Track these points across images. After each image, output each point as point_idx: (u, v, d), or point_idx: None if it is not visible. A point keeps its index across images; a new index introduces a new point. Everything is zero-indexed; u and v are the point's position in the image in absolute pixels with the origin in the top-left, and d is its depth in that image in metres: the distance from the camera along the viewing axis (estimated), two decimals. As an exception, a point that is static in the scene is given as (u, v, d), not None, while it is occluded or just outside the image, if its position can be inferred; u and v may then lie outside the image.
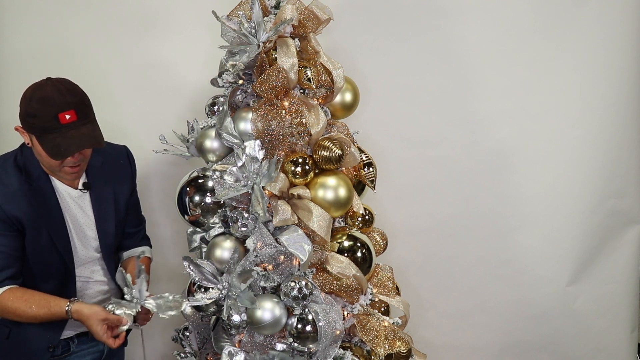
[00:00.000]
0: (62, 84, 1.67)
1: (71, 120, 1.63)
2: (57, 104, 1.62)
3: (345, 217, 2.04)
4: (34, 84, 1.68)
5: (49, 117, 1.61)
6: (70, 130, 1.63)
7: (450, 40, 2.52)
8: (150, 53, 2.46)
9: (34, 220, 1.72)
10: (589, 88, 2.55)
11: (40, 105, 1.62)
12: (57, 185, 1.79)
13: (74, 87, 1.69)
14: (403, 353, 1.93)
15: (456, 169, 2.60)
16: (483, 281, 2.66)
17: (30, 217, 1.71)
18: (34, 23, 2.42)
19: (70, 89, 1.67)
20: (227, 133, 1.88)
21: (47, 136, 1.63)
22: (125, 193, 1.95)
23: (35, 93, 1.64)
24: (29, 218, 1.71)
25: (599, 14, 2.49)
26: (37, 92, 1.64)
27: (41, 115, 1.62)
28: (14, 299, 1.67)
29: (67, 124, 1.62)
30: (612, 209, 2.64)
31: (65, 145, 1.63)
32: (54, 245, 1.75)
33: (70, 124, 1.63)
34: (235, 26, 1.84)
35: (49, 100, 1.62)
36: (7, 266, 1.69)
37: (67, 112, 1.62)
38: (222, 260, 1.86)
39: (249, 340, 1.86)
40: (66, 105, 1.62)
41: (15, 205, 1.70)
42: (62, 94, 1.64)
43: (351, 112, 2.09)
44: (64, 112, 1.62)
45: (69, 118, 1.62)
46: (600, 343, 2.72)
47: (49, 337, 1.79)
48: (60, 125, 1.62)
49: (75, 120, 1.63)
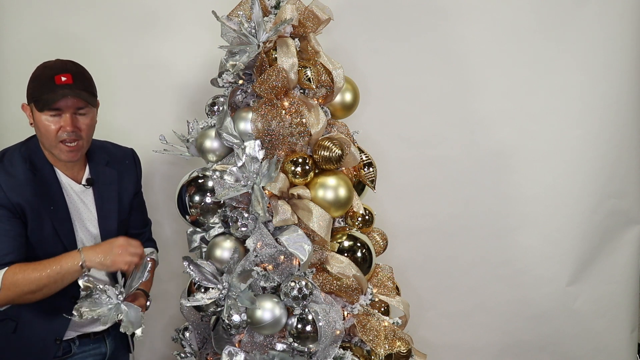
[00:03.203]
0: (69, 60, 1.77)
1: (66, 82, 1.69)
2: (57, 68, 1.71)
3: (345, 217, 2.04)
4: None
5: (46, 79, 1.69)
6: (64, 89, 1.68)
7: (450, 41, 2.53)
8: (150, 53, 2.46)
9: (37, 209, 1.72)
10: (589, 88, 2.55)
11: (41, 71, 1.72)
12: (62, 178, 1.80)
13: (80, 65, 1.78)
14: (403, 353, 1.93)
15: (456, 169, 2.60)
16: (483, 281, 2.66)
17: (34, 206, 1.72)
18: (34, 23, 2.42)
19: (75, 63, 1.77)
20: (227, 133, 1.88)
21: (42, 97, 1.68)
22: (129, 193, 1.95)
23: (43, 64, 1.74)
24: (33, 207, 1.72)
25: (599, 14, 2.49)
26: (43, 64, 1.74)
27: (40, 78, 1.70)
28: (21, 270, 1.64)
29: (62, 85, 1.68)
30: (612, 209, 2.64)
31: (53, 98, 1.67)
32: (57, 236, 1.75)
33: (65, 85, 1.68)
34: (235, 26, 1.84)
35: (51, 66, 1.72)
36: (12, 250, 1.68)
37: (63, 74, 1.69)
38: (222, 260, 1.86)
39: (249, 340, 1.86)
40: (64, 70, 1.71)
41: (20, 194, 1.70)
42: (64, 63, 1.74)
43: (351, 112, 2.09)
44: (60, 75, 1.69)
45: (64, 80, 1.68)
46: (600, 343, 2.72)
47: (55, 330, 1.79)
48: (54, 85, 1.68)
49: (70, 83, 1.69)
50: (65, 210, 1.78)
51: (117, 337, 1.98)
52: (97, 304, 1.65)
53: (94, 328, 1.88)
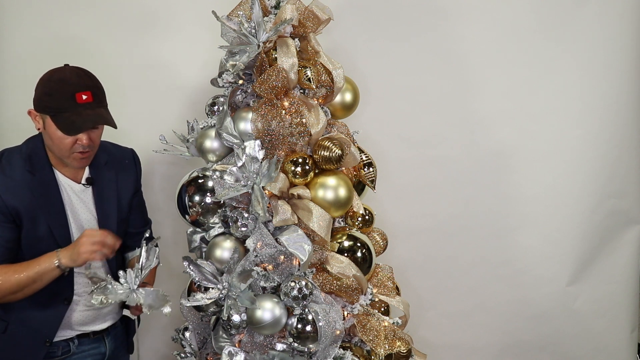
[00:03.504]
0: (79, 69, 1.74)
1: (87, 101, 1.68)
2: (75, 84, 1.68)
3: (345, 217, 2.04)
4: (52, 69, 1.73)
5: (66, 96, 1.66)
6: (86, 110, 1.68)
7: (450, 41, 2.53)
8: (150, 53, 2.46)
9: (33, 210, 1.72)
10: (589, 88, 2.55)
11: (58, 85, 1.67)
12: (60, 178, 1.80)
13: (90, 74, 1.76)
14: (403, 353, 1.93)
15: (456, 169, 2.60)
16: (483, 281, 2.66)
17: (30, 208, 1.72)
18: (34, 23, 2.42)
19: (87, 73, 1.74)
20: (227, 133, 1.88)
21: (62, 114, 1.67)
22: (128, 192, 1.95)
23: (53, 75, 1.70)
24: (29, 209, 1.72)
25: (599, 14, 2.49)
26: (55, 74, 1.70)
27: (58, 94, 1.67)
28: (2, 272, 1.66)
29: (83, 104, 1.67)
30: (612, 209, 2.64)
31: (80, 121, 1.66)
32: (53, 236, 1.75)
33: (86, 103, 1.68)
34: (235, 26, 1.84)
35: (67, 80, 1.68)
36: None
37: (84, 92, 1.68)
38: (222, 260, 1.86)
39: (249, 340, 1.86)
40: (84, 86, 1.69)
41: (16, 197, 1.70)
42: (80, 77, 1.70)
43: (351, 112, 2.09)
44: (81, 92, 1.67)
45: (85, 98, 1.68)
46: (600, 343, 2.72)
47: (45, 332, 1.79)
48: (76, 104, 1.67)
49: (91, 101, 1.69)
50: (62, 211, 1.78)
51: (117, 337, 1.98)
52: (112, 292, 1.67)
53: (93, 327, 1.89)
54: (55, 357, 1.83)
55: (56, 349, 1.83)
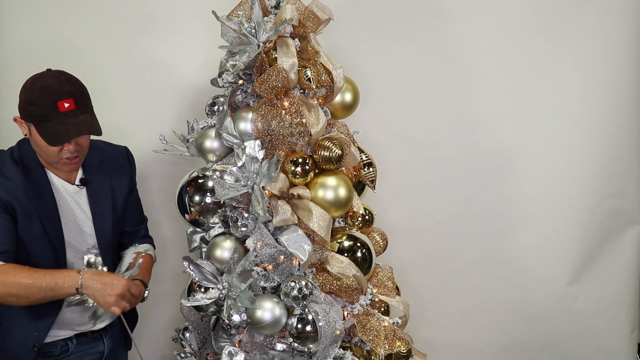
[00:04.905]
0: (62, 74, 1.71)
1: (70, 109, 1.66)
2: (57, 92, 1.65)
3: (345, 217, 2.04)
4: (35, 75, 1.71)
5: (48, 104, 1.64)
6: (69, 118, 1.66)
7: (450, 40, 2.53)
8: (150, 53, 2.46)
9: (28, 209, 1.72)
10: (589, 88, 2.55)
11: (40, 94, 1.65)
12: (53, 180, 1.79)
13: (73, 78, 1.72)
14: (403, 353, 1.93)
15: (456, 169, 2.60)
16: (483, 281, 2.66)
17: (25, 207, 1.71)
18: (34, 22, 2.42)
19: (69, 79, 1.71)
20: (227, 133, 1.88)
21: (46, 124, 1.65)
22: (123, 191, 1.94)
23: (35, 82, 1.68)
24: (24, 207, 1.71)
25: (599, 14, 2.49)
26: (37, 82, 1.67)
27: (40, 103, 1.65)
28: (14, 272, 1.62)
29: (66, 112, 1.65)
30: (612, 209, 2.64)
31: (63, 131, 1.65)
32: (47, 236, 1.74)
33: (69, 112, 1.66)
34: (235, 26, 1.84)
35: (49, 89, 1.65)
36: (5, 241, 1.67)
37: (66, 100, 1.65)
38: (222, 260, 1.86)
39: (249, 340, 1.86)
40: (65, 93, 1.66)
41: (10, 193, 1.70)
42: (62, 84, 1.67)
43: (351, 112, 2.09)
44: (63, 100, 1.65)
45: (67, 106, 1.65)
46: (600, 343, 2.72)
47: (35, 335, 1.77)
48: (59, 113, 1.64)
49: (73, 108, 1.66)
50: (55, 211, 1.77)
51: (115, 336, 1.98)
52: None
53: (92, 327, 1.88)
54: (53, 356, 1.83)
55: (54, 348, 1.82)
